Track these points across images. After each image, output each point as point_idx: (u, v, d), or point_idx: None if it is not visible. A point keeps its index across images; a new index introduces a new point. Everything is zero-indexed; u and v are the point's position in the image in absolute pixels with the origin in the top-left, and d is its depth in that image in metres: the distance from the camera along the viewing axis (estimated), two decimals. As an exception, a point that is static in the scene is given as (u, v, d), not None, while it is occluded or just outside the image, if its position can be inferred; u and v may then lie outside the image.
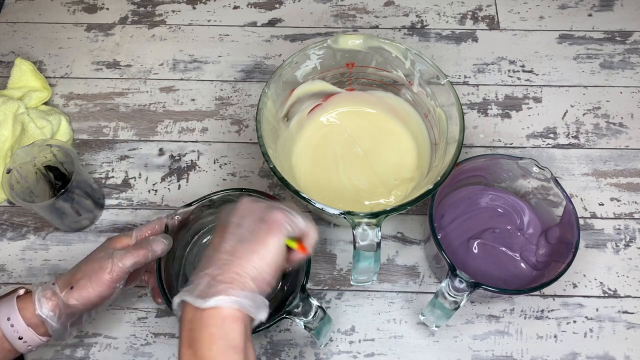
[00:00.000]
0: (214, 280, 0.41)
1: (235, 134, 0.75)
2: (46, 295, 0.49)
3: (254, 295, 0.42)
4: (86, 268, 0.50)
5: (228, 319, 0.40)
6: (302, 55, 0.62)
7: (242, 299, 0.41)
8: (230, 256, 0.43)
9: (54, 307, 0.48)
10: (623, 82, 0.78)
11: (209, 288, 0.41)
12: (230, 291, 0.41)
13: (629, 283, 0.65)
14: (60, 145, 0.63)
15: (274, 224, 0.45)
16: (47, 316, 0.48)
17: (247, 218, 0.45)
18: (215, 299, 0.40)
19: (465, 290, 0.53)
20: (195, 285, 0.42)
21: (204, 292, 0.41)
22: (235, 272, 0.42)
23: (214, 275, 0.42)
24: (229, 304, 0.40)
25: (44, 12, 0.86)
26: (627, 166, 0.72)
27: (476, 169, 0.64)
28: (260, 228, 0.44)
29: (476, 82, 0.79)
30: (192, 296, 0.41)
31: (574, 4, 0.86)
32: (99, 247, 0.52)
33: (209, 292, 0.41)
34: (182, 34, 0.83)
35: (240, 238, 0.44)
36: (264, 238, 0.44)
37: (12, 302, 0.48)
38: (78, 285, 0.49)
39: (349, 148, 0.68)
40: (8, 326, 0.47)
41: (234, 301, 0.40)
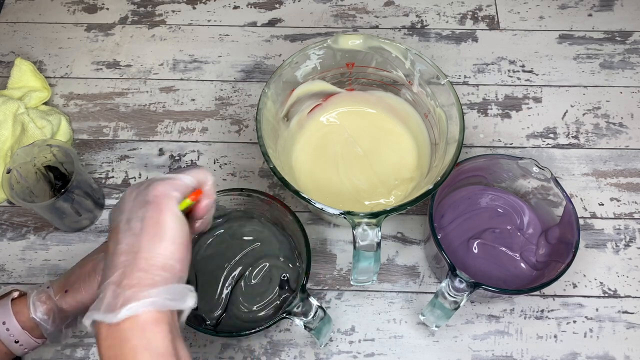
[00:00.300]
0: (119, 287, 0.37)
1: (235, 134, 0.75)
2: (41, 299, 0.48)
3: (169, 288, 0.37)
4: (80, 271, 0.49)
5: (148, 325, 0.36)
6: (302, 55, 0.62)
7: (157, 297, 0.36)
8: (128, 255, 0.38)
9: (48, 311, 0.48)
10: (623, 82, 0.78)
11: (115, 298, 0.36)
12: (140, 294, 0.36)
13: (629, 283, 0.65)
14: (60, 145, 0.63)
15: (159, 199, 0.40)
16: (42, 320, 0.48)
17: (133, 209, 0.40)
18: (127, 308, 0.35)
19: (465, 290, 0.53)
20: (101, 299, 0.37)
21: (111, 304, 0.36)
22: (140, 270, 0.37)
23: (118, 281, 0.37)
24: (144, 308, 0.36)
25: (44, 12, 0.86)
26: (627, 166, 0.72)
27: (476, 169, 0.64)
28: (147, 210, 0.39)
29: (476, 82, 0.79)
30: (100, 313, 0.36)
31: (574, 4, 0.86)
32: (95, 250, 0.52)
33: (117, 303, 0.36)
34: (182, 34, 0.83)
35: (132, 232, 0.39)
36: (156, 219, 0.39)
37: (6, 305, 0.48)
38: (73, 288, 0.49)
39: (349, 148, 0.68)
40: (3, 330, 0.47)
41: (149, 303, 0.36)
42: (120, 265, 0.38)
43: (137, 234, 0.39)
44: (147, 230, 0.39)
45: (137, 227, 0.39)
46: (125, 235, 0.39)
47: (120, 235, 0.39)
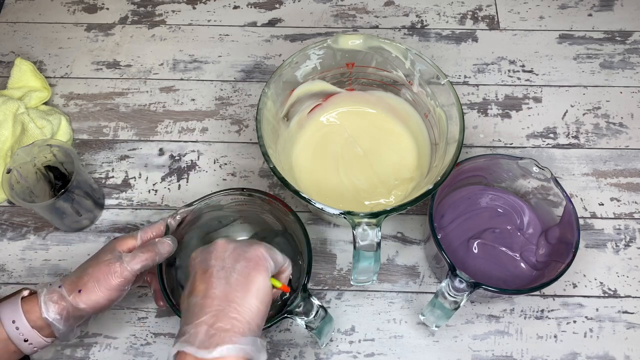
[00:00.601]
0: (212, 328, 0.41)
1: (235, 134, 0.75)
2: (52, 299, 0.48)
3: (254, 340, 0.42)
4: (93, 271, 0.50)
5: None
6: (302, 55, 0.62)
7: (245, 345, 0.40)
8: (222, 302, 0.42)
9: (61, 310, 0.48)
10: (623, 82, 0.78)
11: (210, 338, 0.40)
12: (233, 339, 0.40)
13: (629, 283, 0.65)
14: (60, 145, 0.63)
15: (258, 261, 0.45)
16: (54, 319, 0.48)
17: (227, 259, 0.45)
18: (220, 349, 0.39)
19: (465, 290, 0.53)
20: (193, 335, 0.41)
21: (205, 342, 0.40)
22: (233, 318, 0.41)
23: (211, 323, 0.41)
24: (235, 352, 0.40)
25: (44, 12, 0.86)
26: (627, 166, 0.72)
27: (476, 169, 0.64)
28: (245, 267, 0.44)
29: (476, 82, 0.79)
30: (193, 347, 0.40)
31: (574, 4, 0.86)
32: (105, 249, 0.52)
33: (211, 342, 0.40)
34: (182, 34, 0.83)
35: (227, 280, 0.43)
36: (253, 276, 0.44)
37: (16, 304, 0.48)
38: (86, 288, 0.49)
39: (349, 148, 0.68)
40: (13, 329, 0.47)
41: (239, 349, 0.40)
42: (214, 309, 0.42)
43: (231, 284, 0.43)
44: (242, 284, 0.43)
45: (233, 279, 0.43)
46: (220, 282, 0.43)
47: (214, 280, 0.43)
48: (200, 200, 0.57)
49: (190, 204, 0.57)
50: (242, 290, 0.43)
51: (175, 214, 0.55)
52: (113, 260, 0.50)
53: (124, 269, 0.49)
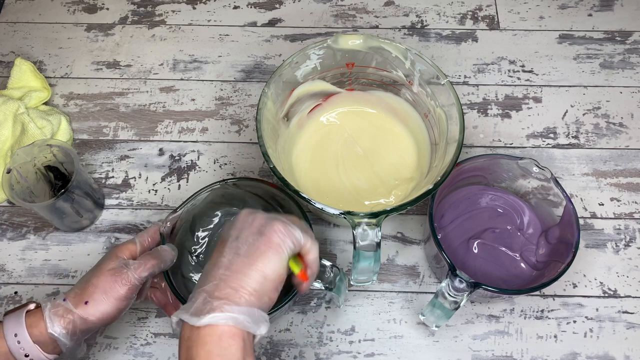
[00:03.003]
0: (210, 296, 0.41)
1: (235, 134, 0.75)
2: (57, 313, 0.48)
3: (251, 310, 0.41)
4: (98, 281, 0.49)
5: (225, 336, 0.39)
6: (302, 55, 0.62)
7: (238, 314, 0.40)
8: (227, 270, 0.42)
9: (67, 324, 0.47)
10: (623, 82, 0.78)
11: (204, 305, 0.40)
12: (225, 307, 0.40)
13: (629, 283, 0.65)
14: (60, 145, 0.63)
15: (273, 237, 0.44)
16: (60, 334, 0.47)
17: (245, 230, 0.45)
18: (210, 316, 0.39)
19: (465, 290, 0.53)
20: (192, 302, 0.41)
21: (199, 309, 0.40)
22: (232, 287, 0.41)
23: (210, 291, 0.41)
24: (224, 320, 0.39)
25: (44, 12, 0.86)
26: (627, 166, 0.72)
27: (476, 169, 0.64)
28: (258, 240, 0.43)
29: (476, 82, 0.79)
30: (187, 314, 0.40)
31: (574, 4, 0.86)
32: (106, 258, 0.51)
33: (204, 309, 0.40)
34: (182, 34, 0.83)
35: (237, 251, 0.43)
36: (263, 251, 0.43)
37: (20, 317, 0.47)
38: (93, 299, 0.48)
39: (349, 148, 0.68)
40: (15, 342, 0.46)
41: (229, 317, 0.40)
42: (217, 277, 0.42)
43: (239, 255, 0.43)
44: (250, 256, 0.43)
45: (243, 249, 0.43)
46: (230, 251, 0.43)
47: (226, 249, 0.44)
48: (185, 203, 0.57)
49: (176, 210, 0.56)
50: (248, 262, 0.42)
51: (165, 222, 0.55)
52: (119, 268, 0.49)
53: (131, 277, 0.49)
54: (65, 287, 0.65)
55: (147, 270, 0.50)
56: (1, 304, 0.64)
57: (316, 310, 0.63)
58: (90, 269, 0.52)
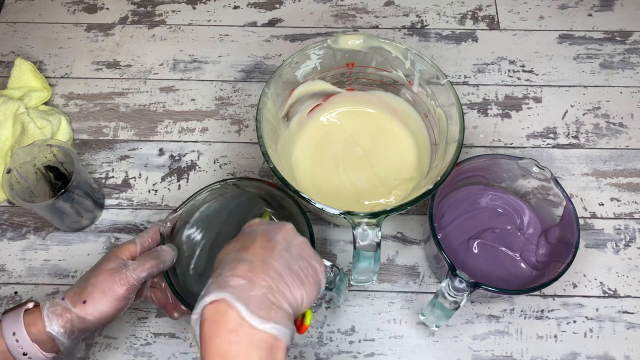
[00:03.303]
0: (268, 297, 0.39)
1: (235, 134, 0.75)
2: (56, 312, 0.48)
3: (293, 327, 0.41)
4: (97, 281, 0.49)
5: (275, 348, 0.38)
6: (302, 55, 0.62)
7: (290, 330, 0.40)
8: (280, 278, 0.41)
9: (65, 323, 0.47)
10: (623, 82, 0.78)
11: (267, 308, 0.39)
12: (287, 321, 0.39)
13: (629, 283, 0.65)
14: (60, 145, 0.63)
15: (318, 274, 0.45)
16: (58, 333, 0.47)
17: (293, 247, 0.45)
18: (274, 326, 0.38)
19: (465, 290, 0.53)
20: (246, 293, 0.39)
21: (262, 310, 0.38)
22: (287, 299, 0.41)
23: (266, 293, 0.40)
24: (284, 336, 0.39)
25: (44, 12, 0.86)
26: (627, 166, 0.72)
27: (476, 169, 0.64)
28: (308, 269, 0.44)
29: (476, 82, 0.79)
30: (246, 308, 0.38)
31: (574, 4, 0.86)
32: (106, 257, 0.51)
33: (267, 314, 0.38)
34: (182, 34, 0.83)
35: (288, 265, 0.43)
36: (310, 282, 0.43)
37: (18, 316, 0.47)
38: (91, 299, 0.48)
39: (349, 148, 0.68)
40: (13, 341, 0.46)
41: (286, 334, 0.39)
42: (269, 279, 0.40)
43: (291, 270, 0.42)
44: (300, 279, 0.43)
45: (294, 268, 0.43)
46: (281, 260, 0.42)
47: (276, 253, 0.43)
48: (185, 203, 0.57)
49: (176, 210, 0.56)
50: (297, 283, 0.42)
51: (165, 222, 0.55)
52: (118, 268, 0.49)
53: (130, 277, 0.49)
54: (65, 287, 0.65)
55: (146, 270, 0.50)
56: (1, 304, 0.64)
57: (316, 310, 0.63)
58: (89, 268, 0.52)
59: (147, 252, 0.52)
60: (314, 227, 0.57)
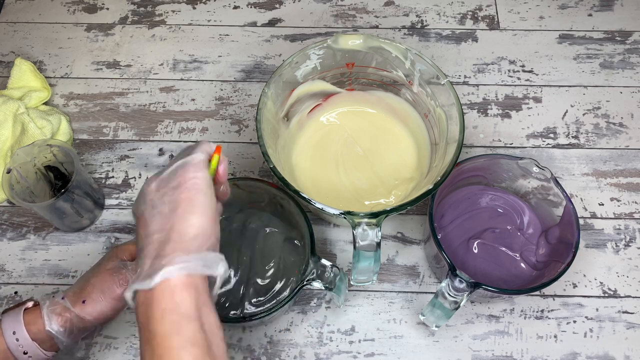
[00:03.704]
0: (155, 259, 0.39)
1: (235, 134, 0.75)
2: (55, 311, 0.48)
3: (201, 255, 0.39)
4: (96, 281, 0.49)
5: (177, 289, 0.37)
6: (302, 55, 0.62)
7: (188, 262, 0.38)
8: (161, 233, 0.40)
9: (64, 322, 0.48)
10: (623, 82, 0.78)
11: (151, 268, 0.38)
12: (174, 259, 0.38)
13: (629, 283, 0.65)
14: (60, 145, 0.63)
15: (186, 180, 0.41)
16: (57, 332, 0.47)
17: (156, 195, 0.42)
18: (162, 272, 0.37)
19: (465, 290, 0.53)
20: (139, 273, 0.39)
21: (148, 273, 0.38)
22: (174, 241, 0.39)
23: (154, 255, 0.39)
24: (177, 271, 0.37)
25: (44, 12, 0.86)
26: (627, 166, 0.72)
27: (476, 169, 0.64)
28: (174, 192, 0.41)
29: (476, 82, 0.79)
30: (138, 281, 0.38)
31: (574, 4, 0.86)
32: (106, 257, 0.51)
33: (153, 270, 0.38)
34: (182, 34, 0.83)
35: (161, 214, 0.40)
36: (185, 197, 0.40)
37: (18, 315, 0.48)
38: (90, 298, 0.48)
39: (349, 148, 0.68)
40: (13, 340, 0.47)
41: (181, 268, 0.37)
42: (155, 242, 0.39)
43: (166, 214, 0.40)
44: (176, 209, 0.40)
45: (165, 209, 0.40)
46: (154, 219, 0.41)
47: (149, 220, 0.41)
48: None
49: None
50: (177, 215, 0.40)
51: None
52: (117, 268, 0.49)
53: (129, 277, 0.49)
54: (65, 287, 0.64)
55: None
56: (1, 304, 0.64)
57: (316, 310, 0.63)
58: (89, 268, 0.52)
59: None
60: (314, 227, 0.57)
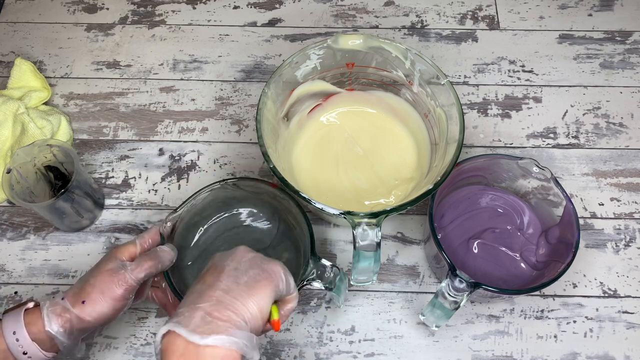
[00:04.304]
0: (209, 316, 0.40)
1: (235, 134, 0.75)
2: (55, 312, 0.48)
3: (250, 336, 0.41)
4: (96, 281, 0.49)
5: (229, 358, 0.39)
6: (302, 55, 0.62)
7: (240, 339, 0.40)
8: (225, 294, 0.42)
9: (64, 323, 0.48)
10: (623, 82, 0.78)
11: (206, 324, 0.39)
12: (230, 330, 0.39)
13: (629, 283, 0.65)
14: (60, 145, 0.63)
15: (272, 274, 0.44)
16: (57, 332, 0.47)
17: (244, 263, 0.45)
18: (215, 338, 0.39)
19: (465, 290, 0.53)
20: (188, 318, 0.40)
21: (200, 327, 0.39)
22: (232, 311, 0.41)
23: (209, 311, 0.40)
24: (228, 344, 0.39)
25: (44, 12, 0.86)
26: (627, 166, 0.72)
27: (476, 169, 0.64)
28: (258, 274, 0.44)
29: (476, 82, 0.79)
30: (186, 330, 0.39)
31: (574, 4, 0.86)
32: (105, 258, 0.51)
33: (207, 329, 0.39)
34: (182, 34, 0.83)
35: (236, 280, 0.43)
36: (261, 285, 0.43)
37: (19, 316, 0.48)
38: (90, 299, 0.48)
39: (349, 148, 0.68)
40: (13, 340, 0.47)
41: (233, 342, 0.39)
42: (214, 298, 0.41)
43: (239, 284, 0.43)
44: (250, 287, 0.43)
45: (243, 279, 0.43)
46: (229, 279, 0.43)
47: (224, 276, 0.43)
48: (185, 203, 0.57)
49: (176, 210, 0.57)
50: (247, 292, 0.42)
51: (165, 222, 0.55)
52: (116, 269, 0.49)
53: (128, 278, 0.49)
54: (65, 287, 0.65)
55: (144, 271, 0.50)
56: (1, 304, 0.64)
57: (316, 310, 0.63)
58: (89, 269, 0.52)
59: (146, 252, 0.52)
60: (314, 227, 0.57)
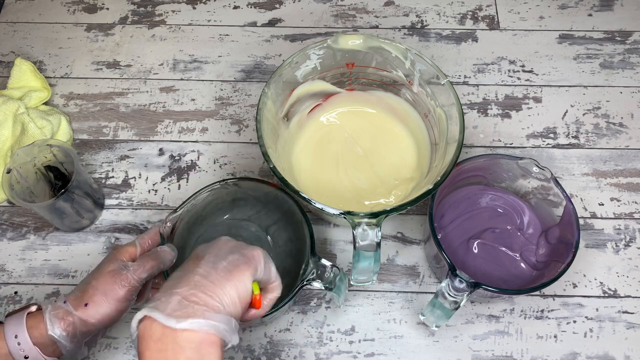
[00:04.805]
0: (186, 300, 0.39)
1: (235, 134, 0.75)
2: (58, 315, 0.48)
3: (228, 319, 0.40)
4: (98, 283, 0.49)
5: (204, 343, 0.38)
6: (302, 55, 0.62)
7: (218, 322, 0.39)
8: (203, 279, 0.41)
9: (67, 327, 0.47)
10: (623, 82, 0.78)
11: (182, 308, 0.39)
12: (207, 314, 0.39)
13: (629, 283, 0.65)
14: (60, 145, 0.63)
15: (250, 258, 0.44)
16: (60, 336, 0.47)
17: (224, 250, 0.45)
18: (191, 321, 0.38)
19: (465, 290, 0.53)
20: (164, 302, 0.39)
21: (176, 311, 0.38)
22: (209, 295, 0.40)
23: (186, 295, 0.40)
24: (206, 327, 0.38)
25: (44, 12, 0.86)
26: (627, 166, 0.72)
27: (476, 169, 0.64)
28: (237, 259, 0.43)
29: (476, 82, 0.79)
30: (162, 314, 0.38)
31: (574, 4, 0.86)
32: (106, 260, 0.51)
33: (183, 312, 0.38)
34: (182, 34, 0.83)
35: (215, 265, 0.43)
36: (240, 269, 0.43)
37: (21, 319, 0.47)
38: (93, 301, 0.48)
39: (349, 148, 0.68)
40: (15, 344, 0.46)
41: (211, 325, 0.39)
42: (192, 283, 0.41)
43: (217, 269, 0.42)
44: (228, 271, 0.42)
45: (221, 265, 0.43)
46: (207, 265, 0.43)
47: (202, 262, 0.43)
48: (185, 203, 0.57)
49: (176, 210, 0.57)
50: (224, 277, 0.42)
51: (165, 222, 0.55)
52: (118, 270, 0.49)
53: (130, 278, 0.49)
54: (65, 287, 0.65)
55: (146, 271, 0.50)
56: (1, 304, 0.64)
57: (316, 310, 0.63)
58: (91, 271, 0.52)
59: (147, 253, 0.52)
60: (314, 227, 0.57)
